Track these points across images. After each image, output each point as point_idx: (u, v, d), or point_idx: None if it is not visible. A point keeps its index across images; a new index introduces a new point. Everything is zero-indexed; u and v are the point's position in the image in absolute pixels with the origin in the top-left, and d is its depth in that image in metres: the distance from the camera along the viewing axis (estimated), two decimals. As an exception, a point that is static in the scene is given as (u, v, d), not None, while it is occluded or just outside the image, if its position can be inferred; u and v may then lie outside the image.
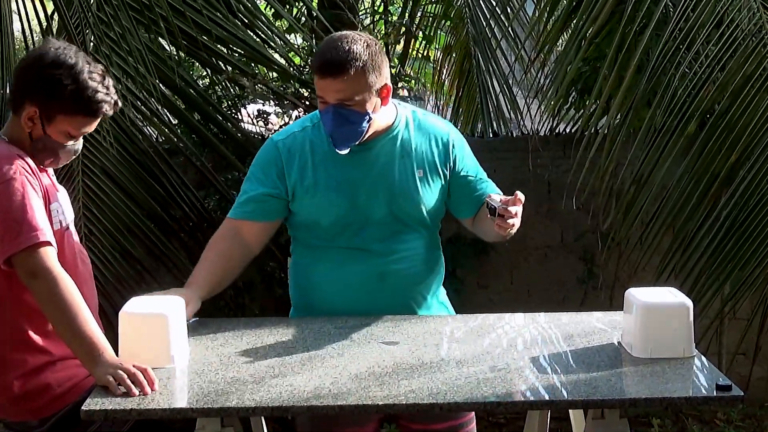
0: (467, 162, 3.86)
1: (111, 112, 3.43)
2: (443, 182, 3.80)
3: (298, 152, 3.70)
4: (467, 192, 3.85)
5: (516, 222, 3.49)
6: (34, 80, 3.31)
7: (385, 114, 3.68)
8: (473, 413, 3.77)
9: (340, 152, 3.59)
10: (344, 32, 3.63)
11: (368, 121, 3.57)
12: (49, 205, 3.29)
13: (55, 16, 5.70)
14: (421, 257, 3.79)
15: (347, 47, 3.49)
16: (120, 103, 3.50)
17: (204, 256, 3.74)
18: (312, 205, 3.69)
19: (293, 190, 3.69)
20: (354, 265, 3.69)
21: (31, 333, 3.28)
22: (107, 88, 3.37)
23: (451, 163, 3.80)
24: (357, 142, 3.60)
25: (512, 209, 3.44)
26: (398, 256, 3.72)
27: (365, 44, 3.53)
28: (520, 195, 3.46)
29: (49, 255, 3.15)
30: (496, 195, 3.62)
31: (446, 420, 3.69)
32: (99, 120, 3.42)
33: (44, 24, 5.80)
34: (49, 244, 3.16)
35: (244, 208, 3.74)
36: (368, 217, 3.68)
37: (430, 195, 3.76)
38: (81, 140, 3.46)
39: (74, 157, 3.49)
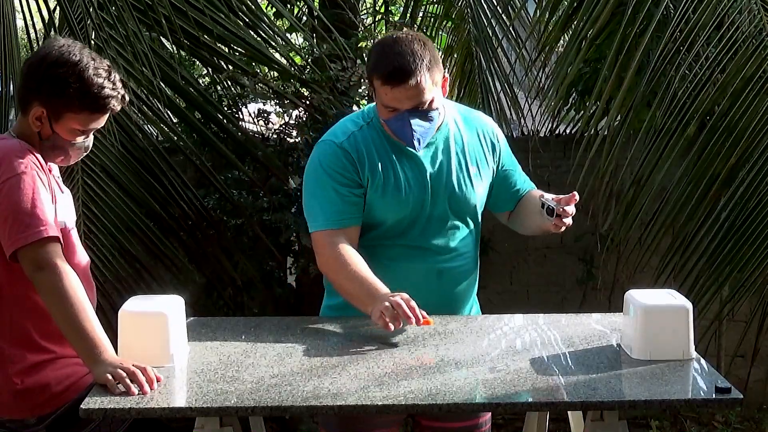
0: (508, 156, 3.90)
1: (119, 107, 3.41)
2: (492, 177, 3.82)
3: (365, 151, 3.64)
4: (508, 186, 3.89)
5: (570, 221, 3.56)
6: (39, 80, 3.30)
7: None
8: (490, 413, 3.78)
9: (417, 152, 3.61)
10: (393, 36, 3.57)
11: (438, 115, 3.60)
12: (55, 204, 3.28)
13: (57, 13, 5.71)
14: (471, 254, 3.82)
15: (408, 50, 3.46)
16: (128, 97, 3.48)
17: (357, 273, 3.51)
18: (381, 205, 3.65)
19: (368, 186, 3.64)
20: (415, 262, 3.67)
21: (30, 330, 3.27)
22: (114, 83, 3.35)
23: (497, 158, 3.84)
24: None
25: (569, 209, 3.51)
26: (454, 254, 3.73)
27: (421, 42, 3.51)
28: (576, 194, 3.53)
29: (56, 250, 3.15)
30: (547, 194, 3.65)
31: (467, 419, 3.70)
32: (107, 115, 3.41)
33: (46, 19, 5.80)
34: (56, 239, 3.16)
35: (342, 216, 3.62)
36: (431, 214, 3.68)
37: (482, 190, 3.78)
38: (91, 136, 3.45)
39: (85, 153, 3.48)
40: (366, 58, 3.67)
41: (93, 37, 5.37)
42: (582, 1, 5.93)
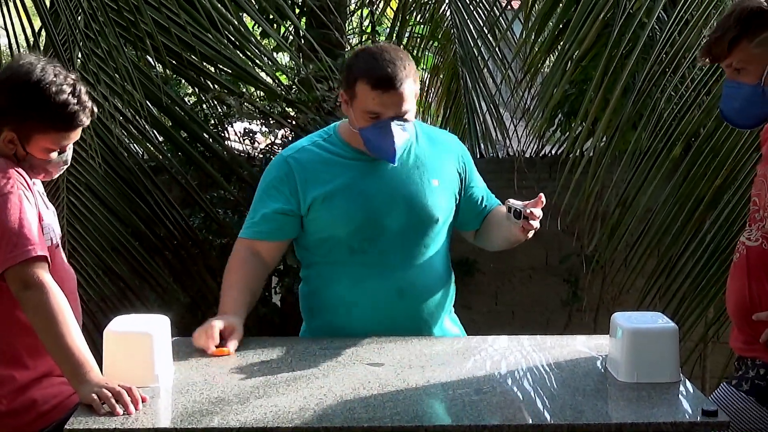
0: (474, 175, 3.90)
1: (87, 121, 3.35)
2: (456, 194, 3.80)
3: (312, 165, 3.66)
4: (474, 204, 3.88)
5: (537, 224, 3.52)
6: (3, 106, 3.27)
7: None
8: None
9: (393, 164, 3.62)
10: (377, 45, 3.72)
11: (410, 129, 3.63)
12: (41, 222, 3.26)
13: (43, 33, 5.70)
14: (437, 272, 3.76)
15: (396, 58, 3.52)
16: (96, 109, 3.42)
17: (229, 283, 3.69)
18: (329, 217, 3.64)
19: (310, 204, 3.64)
20: (373, 281, 3.64)
21: (19, 349, 3.26)
22: (78, 98, 3.29)
23: (463, 175, 3.83)
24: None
25: (536, 211, 3.48)
26: (416, 271, 3.69)
27: (403, 54, 3.59)
28: (543, 197, 3.52)
29: (43, 269, 3.13)
30: (513, 200, 3.61)
31: None
32: (79, 130, 3.38)
33: (31, 41, 5.79)
34: (44, 258, 3.14)
35: (259, 228, 3.70)
36: (386, 227, 3.65)
37: (446, 205, 3.75)
38: (70, 149, 3.41)
39: (66, 166, 3.45)
40: (346, 66, 3.69)
41: (78, 55, 5.36)
42: (568, 23, 5.97)
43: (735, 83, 3.34)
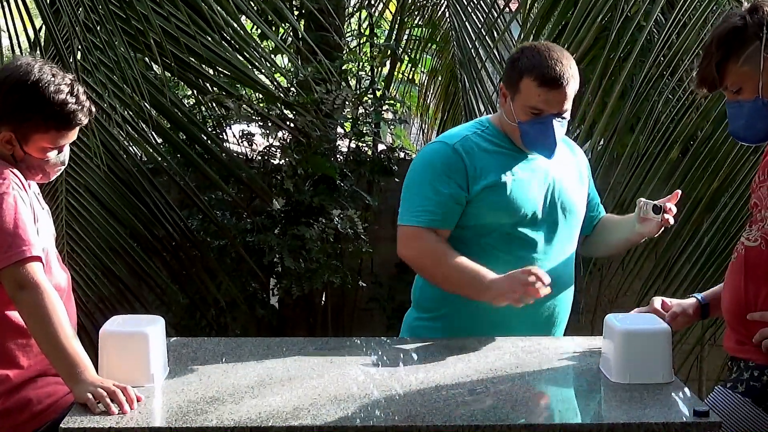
0: (591, 181, 4.05)
1: (86, 120, 3.38)
2: (588, 189, 3.98)
3: (478, 155, 3.70)
4: (590, 209, 4.00)
5: (672, 220, 3.74)
6: (1, 107, 3.29)
7: None
8: None
9: (549, 158, 3.73)
10: (545, 44, 3.79)
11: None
12: (36, 223, 3.28)
13: (42, 33, 5.72)
14: (570, 270, 3.93)
15: (563, 58, 3.62)
16: (94, 109, 3.44)
17: (458, 262, 3.62)
18: (495, 206, 3.68)
19: (477, 193, 3.67)
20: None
21: (14, 349, 3.26)
22: (76, 97, 3.31)
23: (585, 181, 3.97)
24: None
25: (673, 207, 3.70)
26: (559, 265, 3.82)
27: (568, 55, 3.69)
28: (679, 192, 3.75)
29: (38, 269, 3.14)
30: (643, 198, 3.79)
31: None
32: (77, 129, 3.40)
33: (32, 38, 5.80)
34: (38, 259, 3.15)
35: (435, 216, 3.68)
36: (539, 219, 3.75)
37: (582, 202, 3.92)
38: (67, 150, 3.43)
39: (63, 167, 3.47)
40: (509, 62, 3.74)
41: (79, 57, 5.37)
42: (566, 26, 5.97)
43: (735, 103, 3.31)
